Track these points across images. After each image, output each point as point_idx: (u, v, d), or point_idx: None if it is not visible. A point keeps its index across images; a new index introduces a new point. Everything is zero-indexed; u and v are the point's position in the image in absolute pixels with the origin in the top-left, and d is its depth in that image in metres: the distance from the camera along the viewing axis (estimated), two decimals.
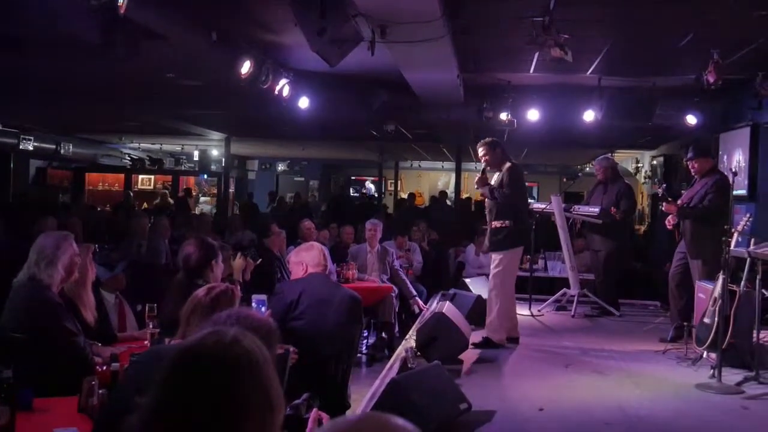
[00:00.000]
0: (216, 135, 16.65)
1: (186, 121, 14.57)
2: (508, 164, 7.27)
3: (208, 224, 11.57)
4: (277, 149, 20.80)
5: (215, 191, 19.95)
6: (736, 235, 6.11)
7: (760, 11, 6.40)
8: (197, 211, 18.94)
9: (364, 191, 25.14)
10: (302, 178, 25.30)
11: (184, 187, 19.42)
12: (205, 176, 20.80)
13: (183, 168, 20.81)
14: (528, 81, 10.04)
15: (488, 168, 7.29)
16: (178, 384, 1.57)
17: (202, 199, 20.58)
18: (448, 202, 18.33)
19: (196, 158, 20.21)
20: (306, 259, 4.89)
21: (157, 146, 19.86)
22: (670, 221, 7.46)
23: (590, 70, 9.20)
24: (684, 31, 7.26)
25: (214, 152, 19.76)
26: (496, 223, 7.11)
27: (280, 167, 24.46)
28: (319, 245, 5.25)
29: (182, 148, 20.11)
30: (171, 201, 18.18)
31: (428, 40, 6.90)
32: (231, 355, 1.60)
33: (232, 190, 19.16)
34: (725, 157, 10.48)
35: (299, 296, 4.66)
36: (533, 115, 10.37)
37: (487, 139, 7.44)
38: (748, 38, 7.35)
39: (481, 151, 7.30)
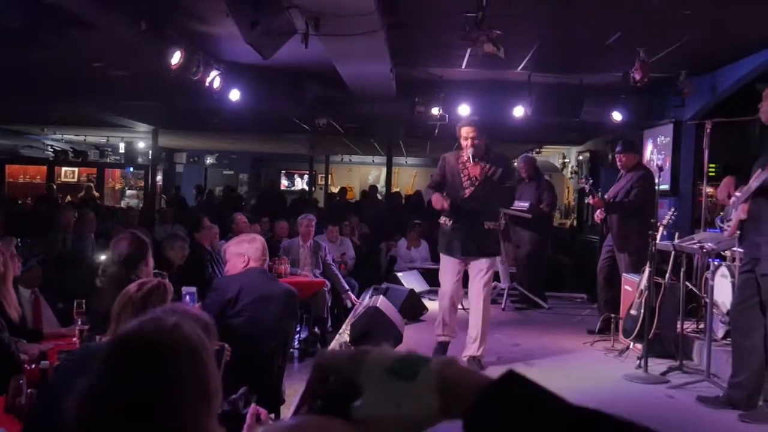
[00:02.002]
0: (143, 127, 16.29)
1: (112, 112, 14.21)
2: (501, 156, 6.49)
3: (135, 218, 11.34)
4: (205, 142, 20.48)
5: (142, 184, 19.53)
6: (661, 228, 6.28)
7: (686, 10, 6.59)
8: (123, 204, 18.52)
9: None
10: (231, 172, 24.97)
11: (85, 183, 18.89)
12: (131, 169, 20.35)
13: (108, 160, 20.31)
14: (459, 76, 10.12)
15: (475, 155, 6.08)
16: (117, 367, 1.55)
17: (128, 192, 20.13)
18: (379, 197, 18.36)
19: (121, 150, 19.74)
20: (250, 251, 4.80)
21: (81, 138, 19.32)
22: (598, 215, 7.63)
23: (520, 67, 9.32)
24: (612, 30, 7.42)
25: (141, 144, 19.34)
26: (489, 224, 6.16)
27: (209, 160, 24.10)
28: (261, 238, 5.16)
29: (108, 140, 19.63)
30: (96, 194, 17.73)
31: (362, 34, 6.90)
32: (171, 339, 1.59)
33: (159, 183, 18.79)
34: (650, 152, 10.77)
35: (238, 293, 4.58)
36: (464, 110, 10.45)
37: (475, 120, 6.43)
38: (673, 37, 7.55)
39: (470, 133, 6.10)
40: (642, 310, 6.17)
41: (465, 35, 6.83)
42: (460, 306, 6.83)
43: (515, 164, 10.08)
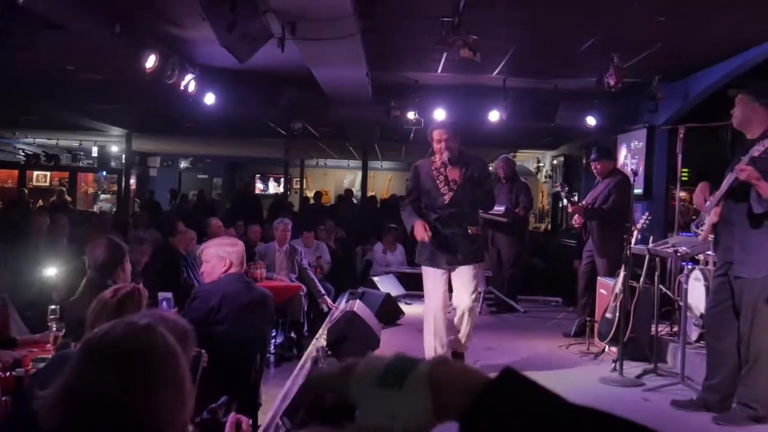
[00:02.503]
0: (116, 131, 16.16)
1: (85, 115, 14.09)
2: (476, 158, 6.18)
3: (109, 223, 11.23)
4: (179, 146, 20.35)
5: (115, 188, 19.37)
6: (636, 232, 6.33)
7: (659, 17, 6.66)
8: (96, 209, 18.35)
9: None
10: (206, 176, 24.85)
11: (58, 187, 18.68)
12: (104, 173, 20.17)
13: (81, 164, 20.12)
14: (435, 81, 10.15)
15: (451, 159, 5.77)
16: (90, 366, 1.54)
17: (101, 196, 19.95)
18: (354, 201, 18.36)
19: (94, 154, 19.56)
20: (232, 256, 4.73)
21: (53, 142, 19.13)
22: (577, 220, 7.67)
23: (496, 71, 9.37)
24: (587, 36, 7.49)
25: (114, 148, 19.18)
26: (473, 229, 5.85)
27: (183, 164, 23.95)
28: (242, 243, 5.12)
29: (80, 144, 19.43)
30: (68, 198, 17.56)
31: (339, 38, 6.90)
32: (143, 341, 1.58)
33: (133, 187, 18.64)
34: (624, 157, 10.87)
35: (221, 300, 4.52)
36: (440, 114, 10.47)
37: (447, 123, 6.25)
38: (646, 43, 7.63)
39: (441, 135, 5.80)
40: (617, 314, 6.21)
41: (441, 40, 6.85)
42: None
43: (494, 165, 10.09)
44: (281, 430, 4.26)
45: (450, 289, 5.89)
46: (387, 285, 9.49)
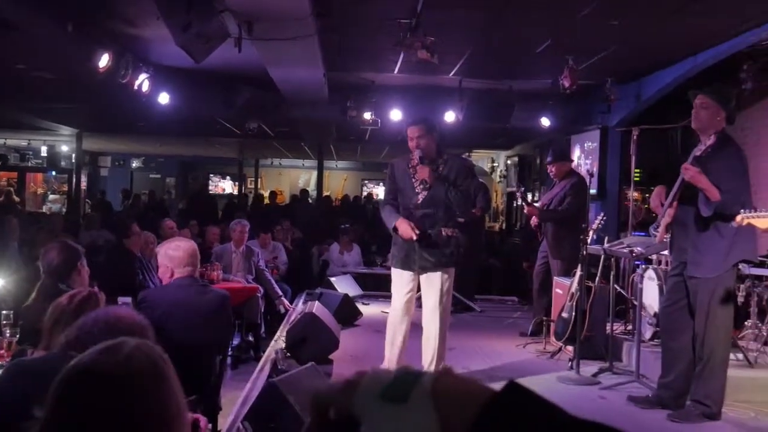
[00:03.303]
0: (66, 130, 15.88)
1: (35, 115, 13.81)
2: (456, 157, 6.08)
3: (60, 224, 11.02)
4: (131, 145, 20.08)
5: (65, 189, 19.01)
6: (591, 233, 6.42)
7: (613, 21, 6.77)
8: (46, 209, 17.99)
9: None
10: (158, 175, 24.54)
11: (5, 187, 18.25)
12: (54, 173, 19.78)
13: (29, 164, 19.70)
14: (392, 81, 10.17)
15: (423, 157, 5.56)
16: (71, 404, 1.48)
17: (51, 197, 19.57)
18: (309, 201, 18.31)
19: (44, 154, 19.18)
20: (175, 260, 4.61)
21: (0, 141, 18.71)
22: (533, 222, 7.75)
23: (452, 72, 9.43)
24: (542, 38, 7.57)
25: (64, 148, 18.83)
26: (447, 231, 5.62)
27: (135, 164, 23.62)
28: (191, 244, 4.95)
29: (29, 143, 19.05)
30: (17, 199, 17.19)
31: (296, 38, 6.87)
32: (126, 371, 1.53)
33: (83, 187, 18.32)
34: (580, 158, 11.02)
35: (171, 307, 4.38)
36: (396, 114, 10.51)
37: (421, 120, 5.85)
38: (600, 46, 7.74)
39: (414, 133, 5.60)
40: (573, 313, 6.30)
41: (399, 41, 6.88)
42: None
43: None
44: None
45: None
46: (344, 285, 9.49)
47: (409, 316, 5.75)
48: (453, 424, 0.79)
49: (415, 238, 5.45)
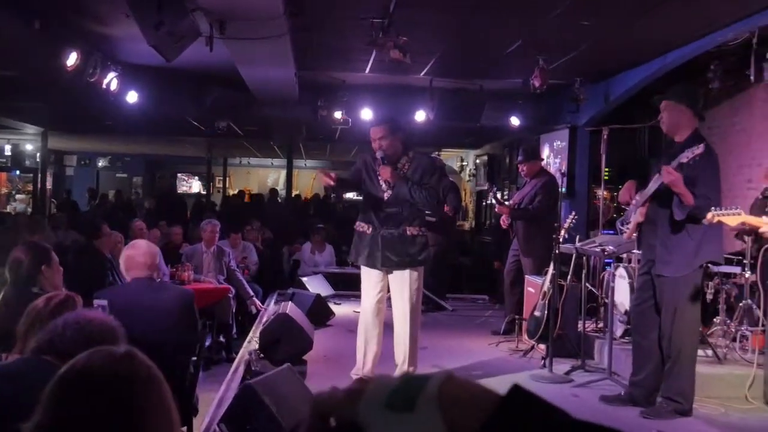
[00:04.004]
0: (31, 129, 15.64)
1: None
2: (423, 155, 6.00)
3: (25, 224, 10.86)
4: (98, 144, 19.84)
5: (30, 188, 18.72)
6: (563, 232, 6.47)
7: (583, 21, 6.83)
8: (10, 209, 17.72)
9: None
10: (125, 174, 24.27)
11: None
12: (18, 172, 19.48)
13: None
14: (363, 80, 10.17)
15: (385, 158, 5.58)
16: (70, 402, 1.47)
17: (16, 196, 19.26)
18: (278, 200, 18.24)
19: (7, 153, 18.86)
20: (129, 261, 4.49)
21: None
22: (504, 221, 7.80)
23: (423, 72, 9.44)
24: (513, 38, 7.62)
25: (29, 147, 18.54)
26: (412, 230, 5.60)
27: (101, 163, 23.35)
28: (148, 245, 4.84)
29: None
30: None
31: (268, 38, 6.84)
32: (125, 371, 1.53)
33: (49, 187, 18.06)
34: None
35: (127, 305, 4.26)
36: (367, 114, 10.50)
37: (384, 120, 5.93)
38: (570, 46, 7.81)
39: (377, 134, 5.61)
40: (546, 311, 6.35)
41: (372, 41, 6.88)
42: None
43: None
44: None
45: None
46: (316, 285, 9.47)
47: (380, 318, 5.76)
48: (461, 429, 0.79)
49: (331, 183, 5.53)
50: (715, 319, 6.34)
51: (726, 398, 5.38)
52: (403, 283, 5.61)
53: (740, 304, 6.21)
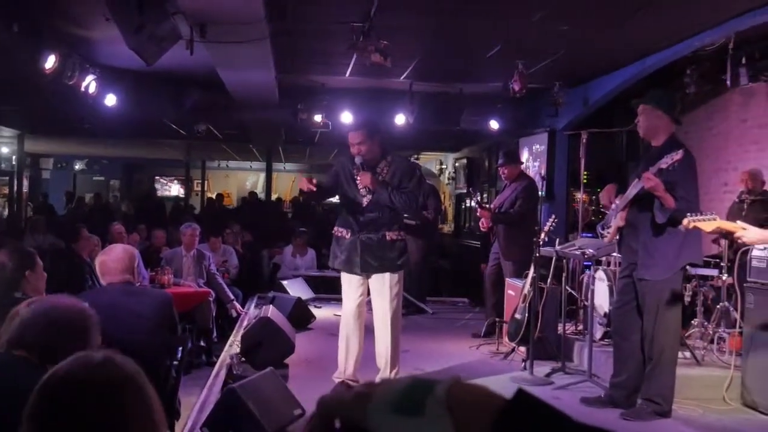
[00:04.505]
0: (7, 131, 15.48)
1: None
2: (401, 159, 5.95)
3: (2, 228, 10.77)
4: (75, 147, 19.68)
5: (5, 192, 18.52)
6: (543, 235, 6.52)
7: (562, 26, 6.89)
8: None
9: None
10: (102, 178, 24.09)
11: None
12: None
13: None
14: (343, 84, 10.19)
15: (364, 163, 5.55)
16: (50, 417, 1.46)
17: None
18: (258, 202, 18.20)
19: None
20: (103, 266, 4.43)
21: None
22: (484, 224, 7.84)
23: (403, 76, 9.48)
24: (493, 43, 7.66)
25: (4, 150, 18.34)
26: (391, 235, 5.57)
27: (78, 166, 23.16)
28: (125, 249, 4.76)
29: None
30: None
31: (249, 42, 6.84)
32: (106, 376, 1.52)
33: (25, 190, 17.88)
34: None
35: (105, 309, 4.17)
36: (347, 117, 10.50)
37: (362, 125, 5.84)
38: (549, 50, 7.87)
39: (355, 139, 5.53)
40: (526, 314, 6.39)
41: (353, 44, 6.90)
42: None
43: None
44: None
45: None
46: (296, 289, 9.45)
47: (360, 322, 5.75)
48: (466, 430, 0.81)
49: (312, 188, 5.50)
50: (692, 322, 6.41)
51: (704, 399, 5.44)
52: (383, 287, 5.59)
53: (717, 307, 6.29)
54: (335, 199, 6.63)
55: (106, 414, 1.46)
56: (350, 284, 5.71)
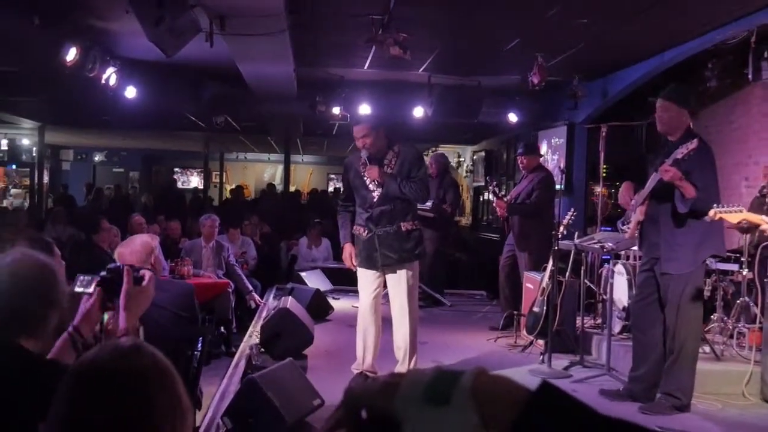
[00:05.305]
0: (28, 123, 15.62)
1: None
2: (409, 147, 5.89)
3: (24, 219, 10.88)
4: (95, 139, 19.82)
5: (27, 183, 18.70)
6: (562, 228, 6.50)
7: (582, 20, 6.86)
8: (6, 204, 17.69)
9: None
10: (121, 169, 24.24)
11: None
12: (14, 166, 19.45)
13: None
14: (361, 76, 10.19)
15: (371, 156, 5.59)
16: (81, 396, 1.48)
17: (12, 191, 19.23)
18: (276, 194, 18.25)
19: (4, 147, 18.82)
20: (122, 257, 4.46)
21: None
22: (501, 214, 7.84)
23: (422, 68, 9.46)
24: (512, 36, 7.64)
25: (26, 141, 18.52)
26: (406, 225, 5.61)
27: (98, 157, 23.32)
28: (145, 239, 4.79)
29: None
30: None
31: (268, 34, 6.86)
32: (134, 364, 1.53)
33: (46, 181, 18.04)
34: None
35: None
36: (365, 109, 10.51)
37: (365, 118, 5.76)
38: (569, 44, 7.83)
39: (359, 133, 5.60)
40: (544, 307, 6.39)
41: (371, 37, 6.90)
42: None
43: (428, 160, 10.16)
44: (222, 429, 4.24)
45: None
46: (314, 280, 9.49)
47: (377, 315, 5.77)
48: (494, 423, 0.82)
49: (353, 269, 5.74)
50: (712, 316, 6.38)
51: (723, 394, 5.43)
52: (400, 279, 5.63)
53: (737, 302, 6.26)
54: None
55: (133, 402, 1.48)
56: (366, 278, 5.74)
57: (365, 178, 5.64)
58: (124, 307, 2.51)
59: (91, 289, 2.69)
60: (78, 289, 2.87)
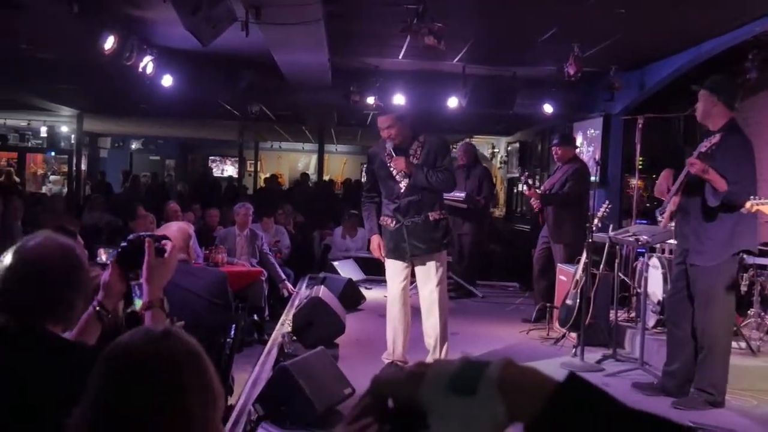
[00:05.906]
0: (67, 111, 15.85)
1: (35, 95, 13.76)
2: (434, 137, 5.83)
3: (62, 205, 11.05)
4: (131, 126, 20.05)
5: (65, 169, 19.00)
6: (596, 220, 6.45)
7: (620, 9, 6.78)
8: (46, 190, 17.98)
9: None
10: (158, 157, 24.49)
11: (5, 167, 18.11)
12: (53, 153, 19.76)
13: (30, 145, 19.67)
14: (395, 66, 10.17)
15: (396, 147, 5.57)
16: (114, 380, 1.51)
17: (51, 177, 19.56)
18: (309, 184, 18.33)
19: (43, 134, 19.14)
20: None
21: (0, 121, 18.68)
22: (535, 205, 7.81)
23: (456, 59, 9.42)
24: (548, 26, 7.57)
25: (64, 129, 18.80)
26: (434, 215, 5.58)
27: (134, 145, 23.59)
28: (177, 226, 4.82)
29: (29, 124, 19.00)
30: (17, 179, 17.18)
31: (303, 23, 6.87)
32: (166, 349, 1.55)
33: (84, 168, 18.31)
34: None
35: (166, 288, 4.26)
36: (399, 99, 10.49)
37: (388, 113, 5.84)
38: (606, 34, 7.75)
39: (384, 123, 5.59)
40: (578, 300, 6.34)
41: (406, 27, 6.87)
42: None
43: (456, 151, 10.14)
44: (253, 416, 4.28)
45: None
46: (347, 270, 9.52)
47: (406, 305, 5.77)
48: (520, 414, 0.82)
49: (382, 259, 5.73)
50: (749, 311, 6.29)
51: (758, 391, 5.36)
52: (429, 269, 5.61)
53: None
54: None
55: (165, 385, 1.50)
56: (395, 269, 5.74)
57: (391, 169, 5.63)
58: (147, 279, 2.44)
59: (108, 260, 2.67)
60: (101, 260, 2.90)
